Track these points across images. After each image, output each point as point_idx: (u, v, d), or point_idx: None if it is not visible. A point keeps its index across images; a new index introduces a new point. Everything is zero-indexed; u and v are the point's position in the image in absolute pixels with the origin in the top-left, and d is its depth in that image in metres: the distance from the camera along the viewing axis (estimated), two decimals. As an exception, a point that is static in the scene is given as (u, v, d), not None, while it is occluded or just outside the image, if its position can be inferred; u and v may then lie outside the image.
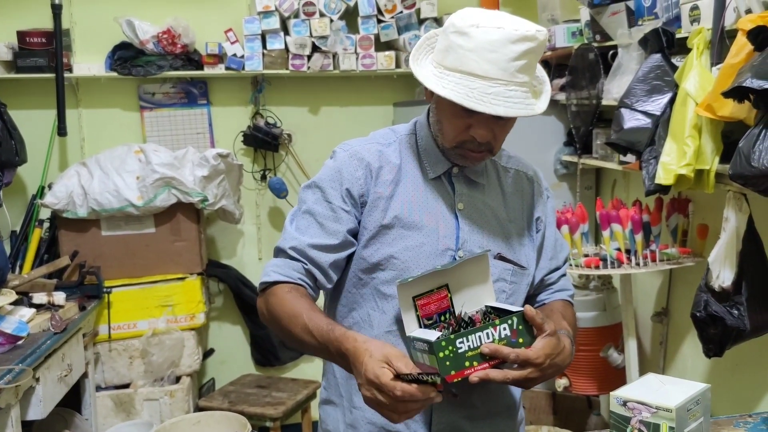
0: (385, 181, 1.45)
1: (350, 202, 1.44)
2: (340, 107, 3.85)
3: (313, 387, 3.47)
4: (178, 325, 3.33)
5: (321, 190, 1.45)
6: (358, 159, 1.46)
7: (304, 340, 1.32)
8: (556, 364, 1.32)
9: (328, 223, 1.42)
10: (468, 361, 1.27)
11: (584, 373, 3.06)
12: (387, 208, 1.44)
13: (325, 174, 1.47)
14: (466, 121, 1.36)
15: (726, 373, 2.57)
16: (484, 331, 1.29)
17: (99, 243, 3.28)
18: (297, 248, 1.42)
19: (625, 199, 3.00)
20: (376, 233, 1.44)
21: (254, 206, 3.81)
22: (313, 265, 1.42)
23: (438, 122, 1.43)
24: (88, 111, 3.58)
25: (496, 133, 1.38)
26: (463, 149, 1.40)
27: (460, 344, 1.27)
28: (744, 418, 1.42)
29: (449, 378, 1.27)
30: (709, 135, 2.18)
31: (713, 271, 2.20)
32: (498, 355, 1.28)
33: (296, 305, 1.35)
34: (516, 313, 1.32)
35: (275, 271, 1.41)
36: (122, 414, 3.21)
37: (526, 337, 1.32)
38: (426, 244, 1.43)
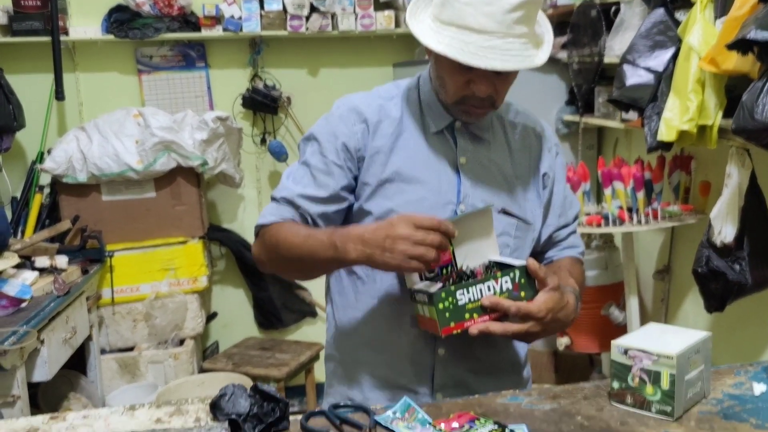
0: (384, 134, 1.44)
1: (345, 156, 1.43)
2: (339, 69, 3.81)
3: (316, 349, 3.49)
4: (180, 288, 3.34)
5: (318, 143, 1.45)
6: (357, 113, 1.45)
7: (304, 247, 1.34)
8: (558, 319, 1.32)
9: (320, 175, 1.43)
10: (468, 314, 1.28)
11: (585, 332, 3.08)
12: (386, 162, 1.43)
13: (323, 127, 1.47)
14: (465, 76, 1.34)
15: (727, 328, 2.58)
16: (485, 283, 1.29)
17: (100, 208, 3.28)
18: (287, 198, 1.44)
19: (627, 158, 2.99)
20: (376, 188, 1.43)
21: (254, 170, 3.79)
22: (303, 213, 1.43)
23: (438, 78, 1.41)
24: (86, 75, 3.55)
25: (498, 87, 1.36)
26: (465, 105, 1.38)
27: (460, 296, 1.27)
28: (744, 367, 1.42)
29: (448, 330, 1.27)
30: (712, 89, 2.16)
31: (715, 226, 2.20)
32: (498, 308, 1.28)
33: (294, 228, 1.39)
34: (518, 267, 1.32)
35: (270, 214, 1.44)
36: (127, 376, 3.24)
37: (529, 291, 1.32)
38: (426, 198, 1.42)
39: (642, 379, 1.22)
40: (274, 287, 3.78)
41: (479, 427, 1.17)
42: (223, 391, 1.19)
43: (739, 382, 1.35)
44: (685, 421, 1.20)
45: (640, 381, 1.22)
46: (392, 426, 1.19)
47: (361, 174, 1.44)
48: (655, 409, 1.21)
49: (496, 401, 1.30)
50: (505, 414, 1.25)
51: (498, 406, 1.27)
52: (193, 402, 1.27)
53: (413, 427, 1.19)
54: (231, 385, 1.20)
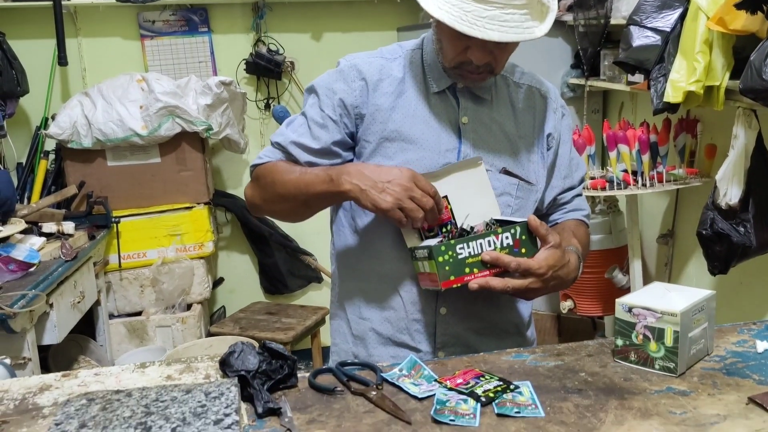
0: (384, 93, 1.44)
1: (341, 112, 1.44)
2: (342, 33, 3.78)
3: (322, 313, 3.52)
4: (187, 254, 3.36)
5: (317, 96, 1.47)
6: (357, 71, 1.45)
7: (300, 181, 1.40)
8: (559, 276, 1.32)
9: (315, 128, 1.45)
10: (468, 268, 1.28)
11: (589, 295, 3.10)
12: (387, 120, 1.43)
13: (323, 81, 1.49)
14: (463, 43, 1.33)
15: (730, 290, 2.59)
16: (486, 238, 1.29)
17: (105, 173, 3.29)
18: (280, 143, 1.48)
19: (632, 121, 2.97)
20: (376, 146, 1.43)
21: (259, 135, 3.79)
22: (294, 160, 1.46)
23: (438, 41, 1.40)
24: (88, 40, 3.53)
25: (496, 55, 1.35)
26: (463, 70, 1.38)
27: (460, 250, 1.27)
28: (748, 325, 1.44)
29: (448, 283, 1.28)
30: (720, 50, 2.14)
31: (720, 188, 2.20)
32: (499, 263, 1.29)
33: (290, 166, 1.45)
34: (519, 223, 1.32)
35: (266, 155, 1.49)
36: (136, 340, 3.28)
37: (530, 248, 1.32)
38: (426, 157, 1.42)
39: (646, 336, 1.23)
40: (280, 253, 3.80)
41: (484, 383, 1.19)
42: (233, 348, 1.20)
43: (742, 340, 1.37)
44: (688, 377, 1.22)
45: (644, 338, 1.24)
46: (399, 382, 1.21)
47: (361, 131, 1.45)
48: (659, 365, 1.23)
49: (501, 359, 1.32)
50: (510, 371, 1.26)
51: (502, 364, 1.29)
52: (202, 360, 1.29)
53: (419, 384, 1.21)
54: (240, 343, 1.21)
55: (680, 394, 1.16)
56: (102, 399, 1.08)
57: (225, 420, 1.01)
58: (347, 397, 1.18)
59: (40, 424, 1.08)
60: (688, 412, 1.09)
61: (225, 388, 1.11)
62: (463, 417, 1.09)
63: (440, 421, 1.08)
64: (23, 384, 1.23)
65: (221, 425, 1.00)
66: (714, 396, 1.14)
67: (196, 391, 1.10)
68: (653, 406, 1.11)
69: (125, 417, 1.02)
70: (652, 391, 1.17)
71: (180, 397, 1.07)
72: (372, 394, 1.16)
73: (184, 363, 1.28)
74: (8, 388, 1.21)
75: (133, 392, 1.10)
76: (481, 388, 1.16)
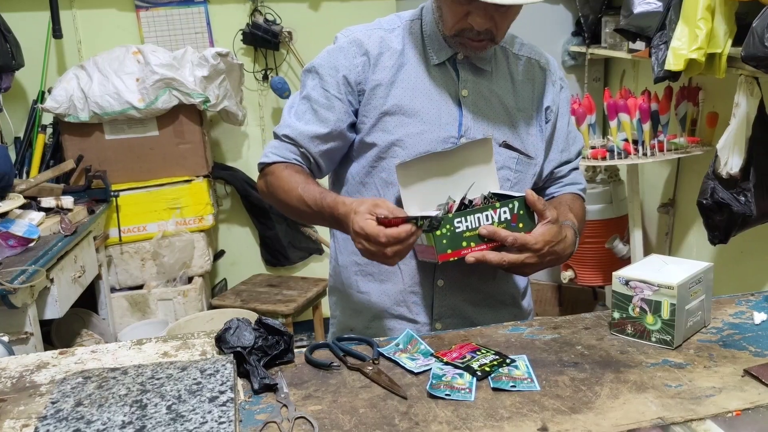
0: (385, 67, 1.42)
1: (346, 89, 1.42)
2: (340, 2, 3.72)
3: (323, 285, 3.53)
4: (187, 227, 3.36)
5: (319, 77, 1.44)
6: (358, 45, 1.43)
7: (300, 209, 1.39)
8: (555, 252, 1.32)
9: (321, 110, 1.43)
10: (465, 242, 1.28)
11: (589, 265, 3.10)
12: (387, 95, 1.41)
13: (324, 59, 1.45)
14: (464, 7, 1.31)
15: (731, 260, 2.59)
16: (484, 212, 1.29)
17: (103, 147, 3.27)
18: (289, 136, 1.45)
19: (633, 90, 2.94)
20: (376, 121, 1.42)
21: (257, 107, 3.76)
22: (305, 152, 1.45)
23: (438, 9, 1.38)
24: (83, 12, 3.48)
25: (497, 21, 1.33)
26: (463, 37, 1.36)
27: (458, 224, 1.27)
28: (746, 297, 1.43)
29: (445, 257, 1.28)
30: (722, 17, 2.11)
31: (721, 157, 2.18)
32: (496, 237, 1.28)
33: (292, 180, 1.40)
34: (517, 198, 1.31)
35: (273, 152, 1.46)
36: (138, 313, 3.29)
37: (527, 222, 1.32)
38: (427, 131, 1.41)
39: (642, 309, 1.23)
40: (281, 225, 3.80)
41: (480, 357, 1.19)
42: (228, 324, 1.20)
43: (739, 312, 1.36)
44: (685, 349, 1.22)
45: (641, 311, 1.23)
46: (395, 357, 1.21)
47: (361, 107, 1.43)
48: (655, 338, 1.23)
49: (498, 332, 1.32)
50: (507, 344, 1.26)
51: (499, 337, 1.29)
52: (199, 336, 1.29)
53: (416, 358, 1.21)
54: (236, 319, 1.21)
55: (676, 366, 1.16)
56: (98, 377, 1.08)
57: (220, 397, 1.01)
58: (343, 372, 1.18)
59: (37, 402, 1.08)
60: (684, 384, 1.10)
61: (220, 365, 1.11)
62: (458, 391, 1.09)
63: (436, 395, 1.08)
64: (20, 362, 1.23)
65: (216, 402, 1.00)
66: (710, 369, 1.14)
67: (192, 368, 1.10)
68: (649, 379, 1.12)
69: (121, 395, 1.02)
70: (648, 364, 1.17)
71: (175, 375, 1.08)
72: (368, 369, 1.17)
73: (181, 340, 1.28)
74: (6, 366, 1.22)
75: (129, 370, 1.10)
76: (477, 363, 1.17)
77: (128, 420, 0.96)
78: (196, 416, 0.97)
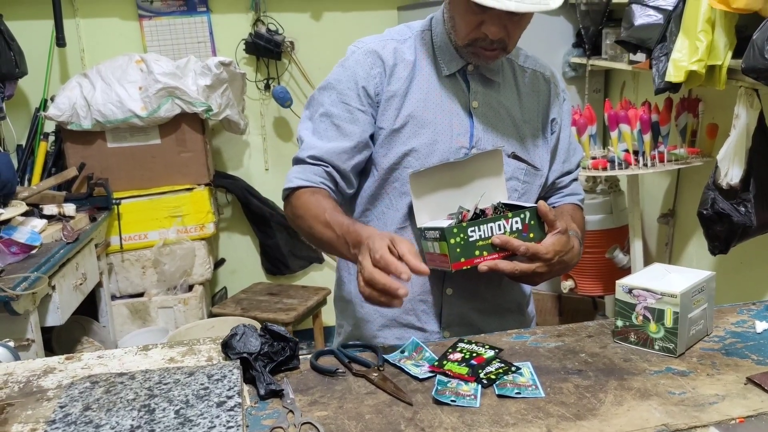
0: (399, 78, 1.43)
1: (367, 101, 1.42)
2: (342, 12, 3.75)
3: (323, 293, 3.54)
4: (188, 235, 3.36)
5: (337, 92, 1.44)
6: (374, 56, 1.43)
7: (324, 235, 1.33)
8: (563, 261, 1.34)
9: (344, 124, 1.42)
10: (478, 251, 1.30)
11: (590, 275, 3.11)
12: (401, 106, 1.43)
13: (340, 74, 1.45)
14: (478, 17, 1.33)
15: (731, 271, 2.59)
16: (497, 222, 1.30)
17: (105, 155, 3.28)
18: (316, 156, 1.42)
19: (634, 101, 2.96)
20: (391, 132, 1.43)
21: (259, 116, 3.77)
22: (333, 169, 1.42)
23: (451, 18, 1.40)
24: (86, 21, 3.50)
25: (510, 30, 1.35)
26: (476, 47, 1.37)
27: (471, 233, 1.29)
28: (747, 306, 1.44)
29: (458, 265, 1.29)
30: (722, 29, 2.12)
31: (721, 168, 2.19)
32: (508, 247, 1.30)
33: (319, 204, 1.36)
34: (529, 209, 1.33)
35: (297, 177, 1.42)
36: (138, 321, 3.30)
37: (538, 232, 1.34)
38: (439, 141, 1.43)
39: (646, 317, 1.24)
40: (281, 234, 3.81)
41: (485, 365, 1.19)
42: (234, 330, 1.21)
43: (741, 320, 1.37)
44: (687, 357, 1.22)
45: (644, 319, 1.24)
46: (400, 364, 1.22)
47: (377, 118, 1.44)
48: (658, 346, 1.23)
49: (502, 339, 1.33)
50: (511, 352, 1.27)
51: (503, 344, 1.30)
52: (205, 342, 1.29)
53: (421, 365, 1.22)
54: (242, 325, 1.22)
55: (679, 374, 1.16)
56: (105, 382, 1.09)
57: (228, 402, 1.02)
58: (349, 378, 1.19)
59: (44, 407, 1.09)
60: (687, 392, 1.10)
61: (227, 370, 1.12)
62: (464, 398, 1.10)
63: (441, 402, 1.09)
64: (27, 367, 1.24)
65: (224, 407, 1.01)
66: (713, 376, 1.15)
67: (199, 373, 1.10)
68: (652, 386, 1.12)
69: (129, 399, 1.03)
70: (652, 371, 1.17)
71: (183, 380, 1.08)
72: (373, 376, 1.17)
73: (187, 345, 1.29)
74: (13, 371, 1.22)
75: (137, 375, 1.11)
76: (483, 370, 1.17)
77: (137, 424, 0.96)
78: (204, 421, 0.97)
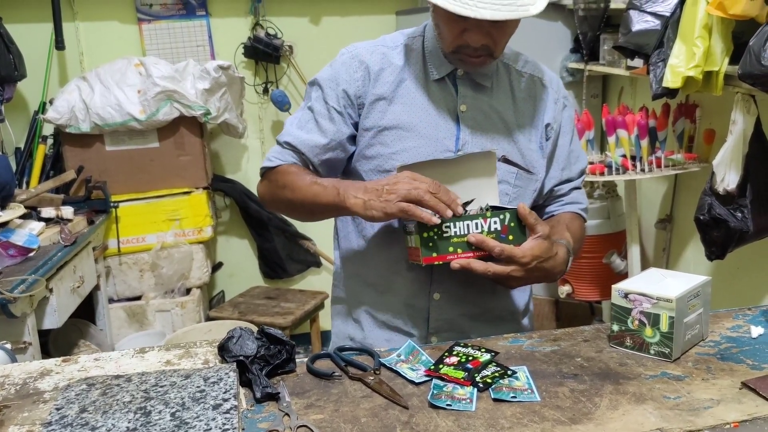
0: (385, 82, 1.45)
1: (345, 102, 1.46)
2: (341, 17, 3.76)
3: (321, 298, 3.54)
4: (186, 238, 3.37)
5: (321, 89, 1.49)
6: (359, 61, 1.46)
7: (310, 191, 1.39)
8: (543, 268, 1.32)
9: (322, 121, 1.47)
10: (452, 247, 1.29)
11: (587, 280, 3.11)
12: (386, 109, 1.44)
13: (326, 73, 1.50)
14: (460, 25, 1.33)
15: (728, 276, 2.60)
16: (474, 220, 1.30)
17: (104, 158, 3.29)
18: (291, 143, 1.49)
19: (631, 106, 2.97)
20: (375, 134, 1.44)
21: (257, 120, 3.78)
22: (305, 159, 1.48)
23: (437, 26, 1.41)
24: (85, 24, 3.51)
25: (495, 37, 1.35)
26: (462, 54, 1.38)
27: (446, 228, 1.28)
28: (743, 311, 1.45)
29: (429, 260, 1.29)
30: (719, 35, 2.13)
31: (718, 174, 2.20)
32: (483, 246, 1.29)
33: (301, 173, 1.45)
34: (509, 210, 1.32)
35: (276, 157, 1.50)
36: (135, 324, 3.29)
37: (518, 235, 1.32)
38: (423, 145, 1.43)
39: (641, 321, 1.24)
40: (279, 238, 3.81)
41: (481, 369, 1.19)
42: (231, 333, 1.21)
43: (737, 325, 1.38)
44: (683, 362, 1.23)
45: (640, 323, 1.25)
46: (396, 368, 1.22)
47: (361, 120, 1.46)
48: (654, 350, 1.24)
49: (498, 344, 1.33)
50: (507, 356, 1.27)
51: (499, 349, 1.30)
52: (201, 345, 1.30)
53: (417, 369, 1.22)
54: (238, 328, 1.22)
55: (674, 379, 1.17)
56: (102, 384, 1.09)
57: (224, 405, 1.02)
58: (345, 382, 1.19)
59: (41, 409, 1.09)
60: (682, 396, 1.11)
61: (224, 373, 1.12)
62: (459, 402, 1.10)
63: (437, 405, 1.09)
64: (24, 369, 1.24)
65: (220, 410, 1.01)
66: (708, 381, 1.16)
67: (195, 376, 1.11)
68: (648, 390, 1.13)
69: (125, 402, 1.03)
70: (647, 376, 1.18)
71: (179, 382, 1.08)
72: (369, 379, 1.18)
73: (183, 348, 1.29)
74: (9, 373, 1.22)
75: (133, 377, 1.11)
76: (479, 374, 1.17)
77: (133, 426, 0.96)
78: (200, 423, 0.97)
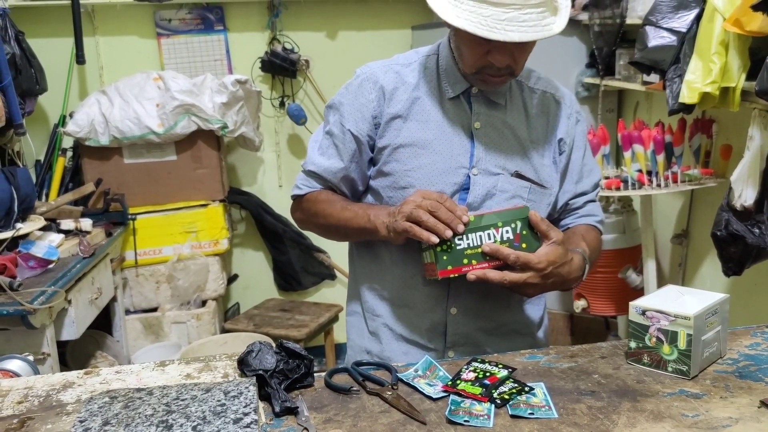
0: (399, 101, 1.47)
1: (363, 125, 1.49)
2: (357, 31, 3.79)
3: (335, 310, 3.55)
4: (202, 250, 3.39)
5: (339, 113, 1.52)
6: (373, 82, 1.49)
7: (342, 215, 1.48)
8: (559, 273, 1.33)
9: (341, 145, 1.51)
10: (467, 259, 1.30)
11: (602, 295, 3.10)
12: (402, 127, 1.46)
13: (342, 96, 1.53)
14: (484, 48, 1.35)
15: (745, 292, 2.58)
16: (486, 231, 1.30)
17: (122, 171, 3.32)
18: (314, 172, 1.55)
19: (647, 121, 2.97)
20: (391, 152, 1.47)
21: (273, 133, 3.81)
22: (331, 185, 1.54)
23: (457, 48, 1.43)
24: (105, 38, 3.56)
25: (516, 57, 1.37)
26: (484, 74, 1.40)
27: (458, 241, 1.29)
28: (761, 329, 1.44)
29: (445, 273, 1.29)
30: (736, 51, 2.14)
31: (735, 189, 2.19)
32: (498, 255, 1.30)
33: (330, 199, 1.53)
34: (521, 219, 1.33)
35: (303, 185, 1.57)
36: (151, 336, 3.32)
37: (531, 243, 1.33)
38: (438, 162, 1.45)
39: (659, 338, 1.24)
40: (294, 250, 3.83)
41: (498, 385, 1.20)
42: (250, 347, 1.22)
43: (755, 343, 1.37)
44: (701, 380, 1.23)
45: (657, 341, 1.25)
46: (414, 383, 1.23)
47: (377, 139, 1.49)
48: (672, 368, 1.24)
49: (515, 359, 1.33)
50: (524, 372, 1.28)
51: (516, 365, 1.30)
52: (221, 359, 1.31)
53: (435, 384, 1.22)
54: (258, 342, 1.24)
55: (693, 396, 1.17)
56: (124, 397, 1.10)
57: (244, 419, 1.03)
58: (363, 396, 1.20)
59: (64, 421, 1.10)
60: (701, 414, 1.10)
61: (243, 387, 1.13)
62: (477, 418, 1.10)
63: (455, 421, 1.09)
64: (47, 381, 1.26)
65: (240, 424, 1.02)
66: (726, 399, 1.15)
67: (216, 390, 1.12)
68: (666, 408, 1.13)
69: (147, 415, 1.04)
70: (665, 393, 1.18)
71: (200, 396, 1.10)
72: (387, 394, 1.18)
73: (203, 362, 1.30)
74: (33, 385, 1.24)
75: (155, 390, 1.12)
76: (496, 390, 1.18)
77: (154, 439, 0.98)
78: (221, 437, 0.98)
